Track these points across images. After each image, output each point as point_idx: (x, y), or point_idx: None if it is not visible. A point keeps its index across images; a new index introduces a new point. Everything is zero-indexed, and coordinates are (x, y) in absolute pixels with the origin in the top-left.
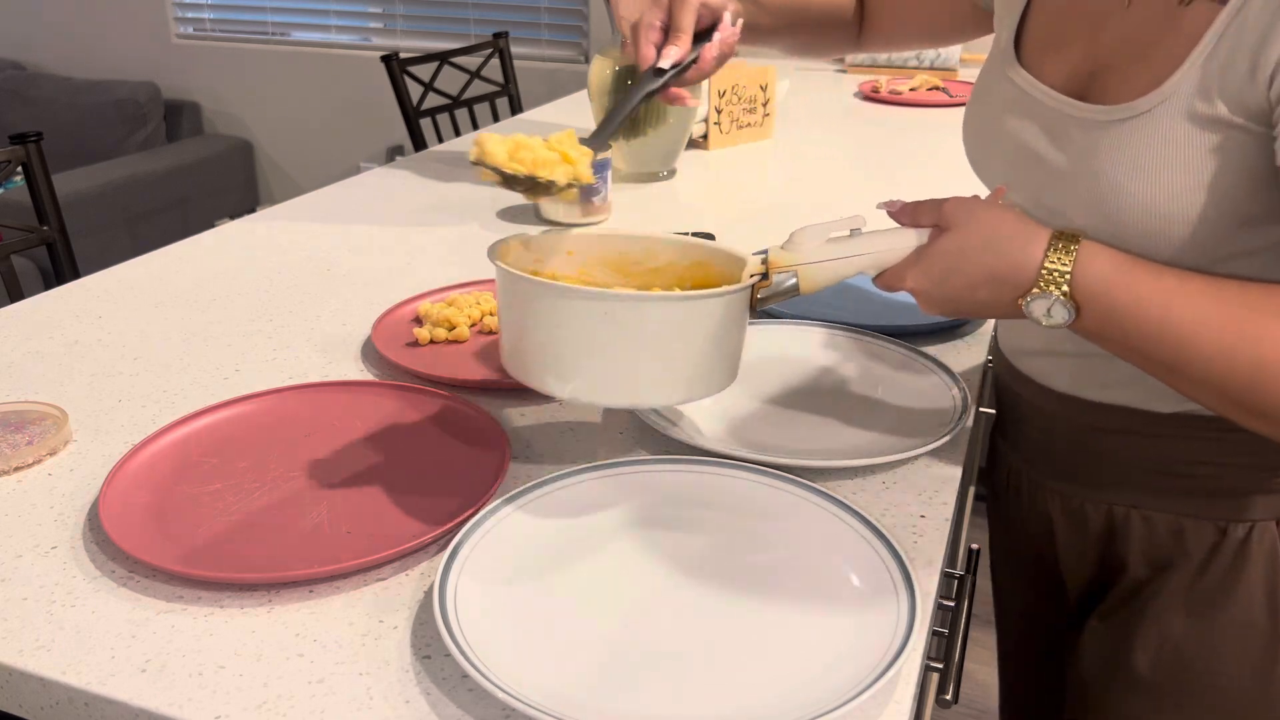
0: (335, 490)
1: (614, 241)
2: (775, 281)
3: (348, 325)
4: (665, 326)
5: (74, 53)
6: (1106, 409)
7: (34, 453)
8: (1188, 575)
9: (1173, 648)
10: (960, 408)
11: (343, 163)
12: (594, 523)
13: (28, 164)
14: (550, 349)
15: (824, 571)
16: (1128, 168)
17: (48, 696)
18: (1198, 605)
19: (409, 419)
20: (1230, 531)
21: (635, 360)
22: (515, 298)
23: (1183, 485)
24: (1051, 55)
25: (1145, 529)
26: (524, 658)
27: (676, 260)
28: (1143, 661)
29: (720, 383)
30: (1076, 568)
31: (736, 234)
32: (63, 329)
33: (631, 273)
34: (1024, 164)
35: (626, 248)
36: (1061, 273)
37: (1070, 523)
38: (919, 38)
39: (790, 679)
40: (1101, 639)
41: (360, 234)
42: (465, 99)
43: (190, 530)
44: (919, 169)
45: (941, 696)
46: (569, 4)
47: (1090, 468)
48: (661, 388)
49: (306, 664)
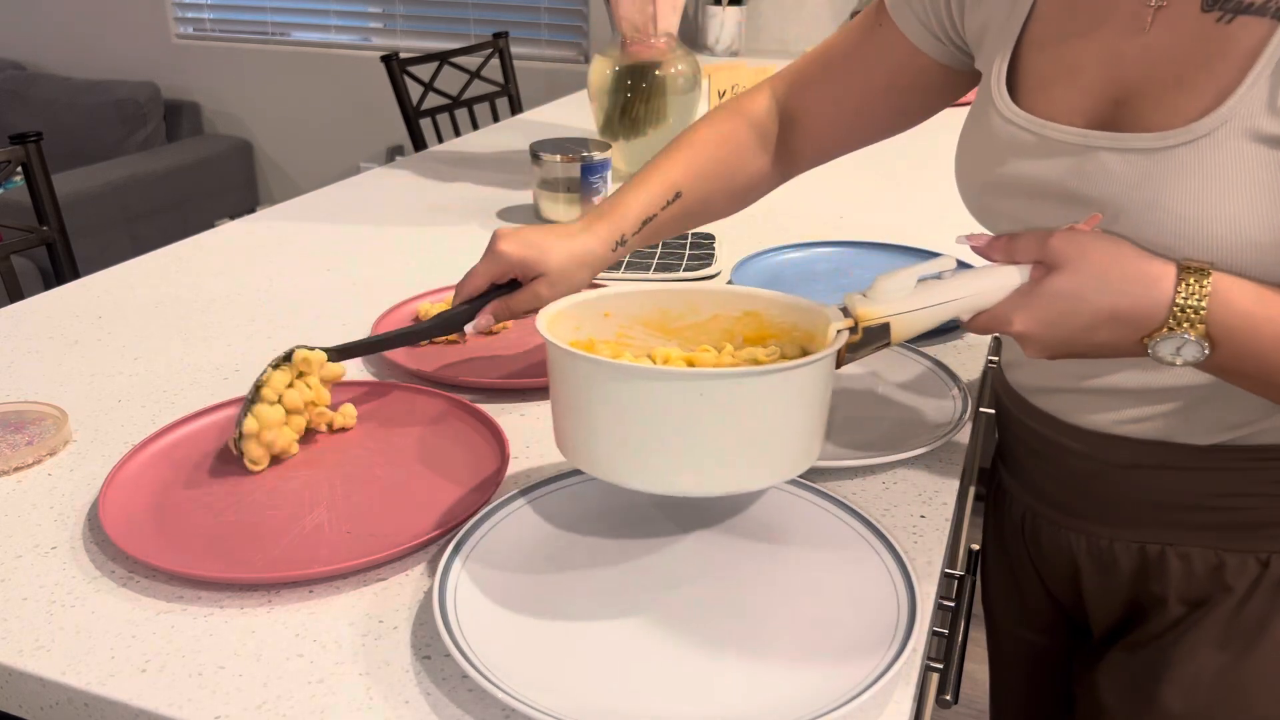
0: (335, 490)
1: (653, 298)
2: (866, 335)
3: (348, 325)
4: (763, 402)
5: (74, 53)
6: (1142, 444)
7: (34, 453)
8: (1227, 610)
9: (1208, 684)
10: (960, 408)
11: (343, 163)
12: (593, 523)
13: (28, 164)
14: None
15: (824, 572)
16: (1192, 196)
17: (47, 697)
18: (1235, 640)
19: (409, 419)
20: (1273, 564)
21: (725, 440)
22: (577, 381)
23: (1221, 519)
24: (1058, 90)
25: (1182, 566)
26: (524, 658)
27: (722, 311)
28: (1174, 697)
29: (813, 455)
30: (1102, 607)
31: (735, 234)
32: (63, 329)
33: (673, 329)
34: (1050, 205)
35: (667, 303)
36: (1196, 309)
37: (1097, 563)
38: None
39: (790, 679)
40: (1126, 672)
41: (360, 234)
42: (465, 99)
43: (190, 530)
44: (919, 168)
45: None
46: (569, 4)
47: (1119, 505)
48: (758, 469)
49: (306, 664)
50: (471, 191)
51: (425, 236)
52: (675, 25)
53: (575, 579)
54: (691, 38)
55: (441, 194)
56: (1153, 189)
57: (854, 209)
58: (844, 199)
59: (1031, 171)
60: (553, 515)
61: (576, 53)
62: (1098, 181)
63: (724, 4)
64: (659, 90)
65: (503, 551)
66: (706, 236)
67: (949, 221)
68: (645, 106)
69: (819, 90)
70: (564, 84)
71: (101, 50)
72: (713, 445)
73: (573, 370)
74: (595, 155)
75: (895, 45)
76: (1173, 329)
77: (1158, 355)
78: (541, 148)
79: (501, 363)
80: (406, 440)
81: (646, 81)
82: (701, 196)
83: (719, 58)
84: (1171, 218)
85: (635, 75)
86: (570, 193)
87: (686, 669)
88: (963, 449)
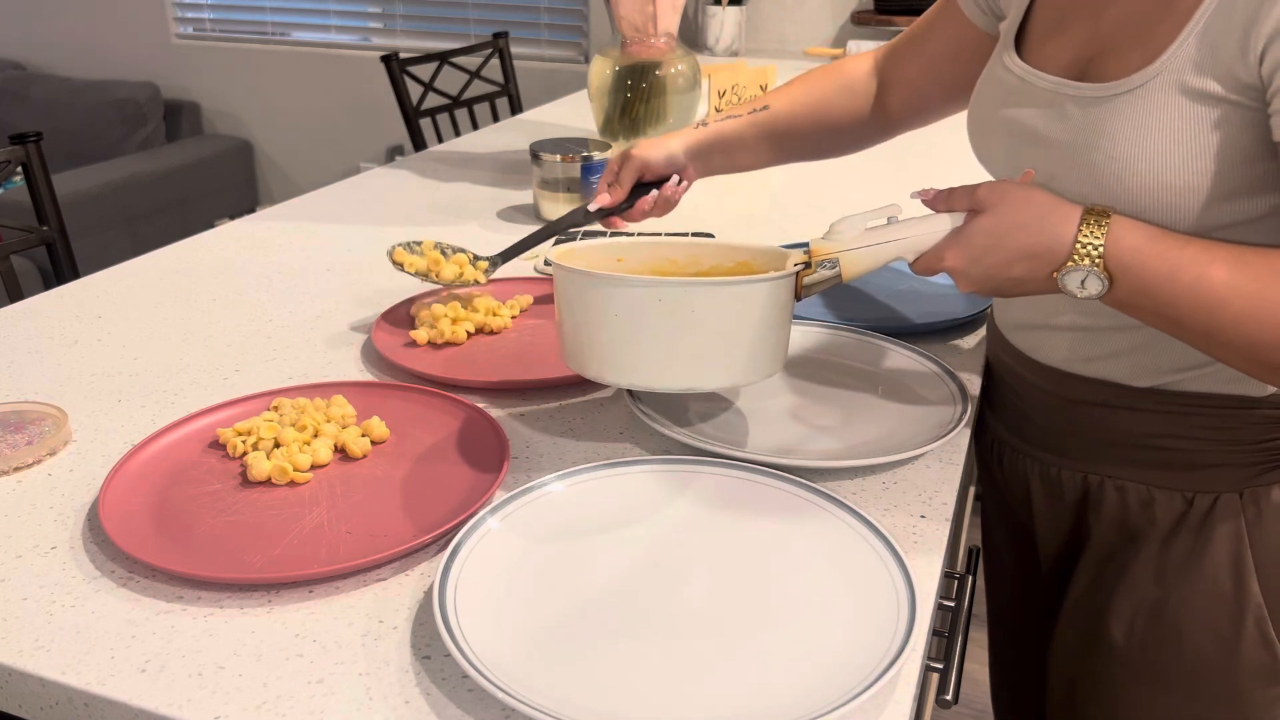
0: (335, 490)
1: (660, 248)
2: (818, 268)
3: (347, 325)
4: (714, 311)
5: (74, 53)
6: (1090, 382)
7: (34, 453)
8: (1155, 545)
9: (1144, 617)
10: (960, 408)
11: (343, 163)
12: (593, 523)
13: (27, 164)
14: (605, 339)
15: (824, 572)
16: (1124, 140)
17: (47, 697)
18: (1166, 575)
19: (409, 419)
20: (1196, 502)
21: (688, 345)
22: (572, 292)
23: (1154, 458)
24: (1052, 43)
25: (1118, 498)
26: (524, 658)
27: (721, 263)
28: (1117, 631)
29: (768, 368)
30: (1052, 533)
31: (736, 233)
32: (63, 329)
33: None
34: (1025, 146)
35: (672, 253)
36: (1095, 246)
37: (1047, 490)
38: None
39: (790, 679)
40: (1081, 611)
41: (360, 234)
42: (465, 99)
43: (190, 530)
44: (918, 166)
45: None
46: (569, 4)
47: (1069, 438)
48: (713, 371)
49: (306, 664)
50: (471, 191)
51: (425, 236)
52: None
53: (575, 579)
54: (691, 38)
55: (441, 194)
56: (1095, 132)
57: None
58: (844, 199)
59: (1016, 116)
60: (553, 515)
61: (576, 53)
62: (1059, 126)
63: (724, 4)
64: (659, 90)
65: (503, 551)
66: (707, 237)
67: None
68: (645, 106)
69: (905, 59)
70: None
71: (101, 50)
72: (672, 345)
73: (568, 283)
74: (595, 155)
75: (955, 19)
76: (1076, 263)
77: (1066, 287)
78: (541, 148)
79: (501, 363)
80: (406, 440)
81: (646, 81)
82: (789, 116)
83: (719, 58)
84: (1106, 159)
85: (635, 75)
86: (570, 193)
87: (686, 669)
88: (963, 449)
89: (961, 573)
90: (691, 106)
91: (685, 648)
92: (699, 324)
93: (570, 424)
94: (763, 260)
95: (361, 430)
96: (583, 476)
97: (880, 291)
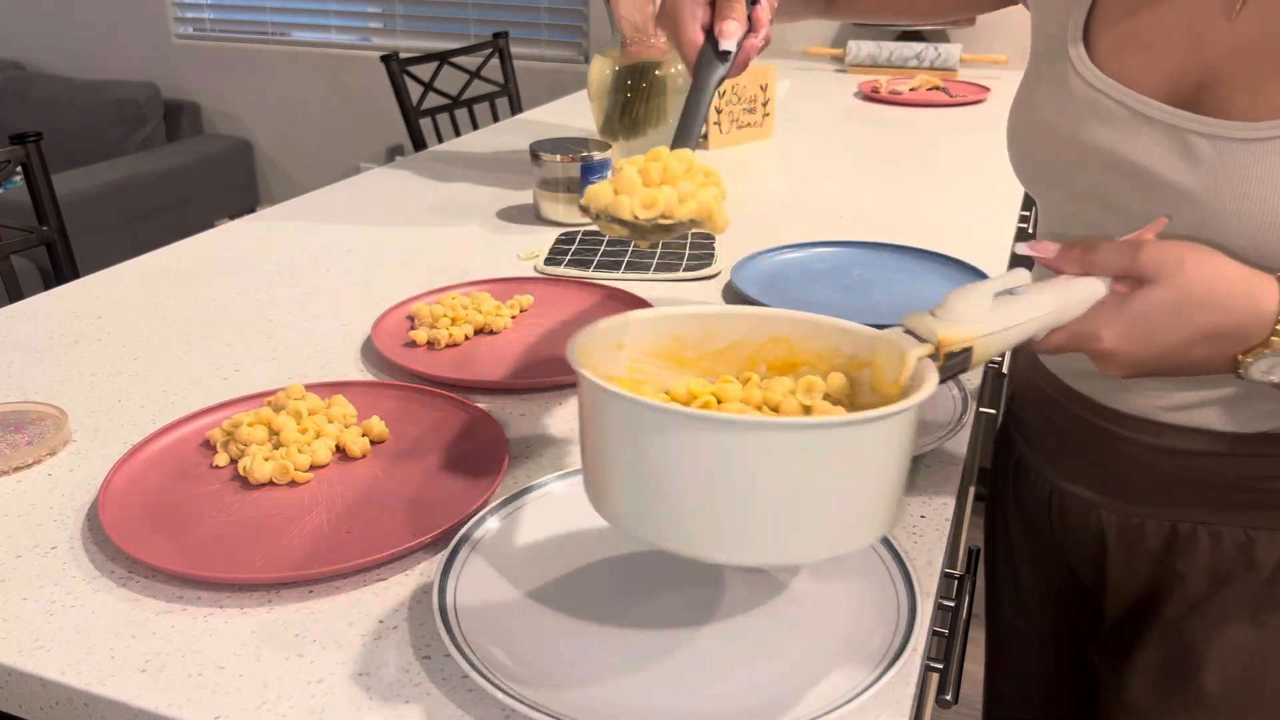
0: (335, 490)
1: (669, 323)
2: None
3: (348, 325)
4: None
5: (74, 53)
6: (1184, 431)
7: (33, 453)
8: (1255, 588)
9: (1243, 661)
10: (960, 408)
11: (342, 163)
12: (594, 523)
13: (27, 164)
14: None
15: (823, 572)
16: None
17: (47, 697)
18: (1268, 616)
19: (409, 419)
20: None
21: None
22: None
23: (1256, 500)
24: (1132, 59)
25: (1212, 544)
26: (524, 658)
27: (747, 337)
28: (1210, 676)
29: (889, 522)
30: (1124, 582)
31: (735, 234)
32: (63, 329)
33: (687, 359)
34: (1122, 180)
35: (681, 330)
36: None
37: (1125, 540)
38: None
39: (790, 679)
40: (1155, 655)
41: (360, 234)
42: (465, 99)
43: (190, 530)
44: (919, 169)
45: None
46: (569, 4)
47: (1155, 486)
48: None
49: (306, 664)
50: (471, 191)
51: (425, 236)
52: None
53: (575, 579)
54: None
55: (441, 194)
56: (1242, 180)
57: (854, 209)
58: (844, 199)
59: (1111, 142)
60: (553, 515)
61: (576, 53)
62: (1181, 165)
63: None
64: (659, 90)
65: (503, 551)
66: (707, 237)
67: (949, 221)
68: (645, 106)
69: None
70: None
71: (101, 50)
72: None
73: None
74: (595, 155)
75: None
76: (1273, 347)
77: (1249, 373)
78: (541, 148)
79: (501, 363)
80: (406, 440)
81: (646, 81)
82: None
83: None
84: (1262, 210)
85: (635, 75)
86: (570, 193)
87: (686, 668)
88: (962, 449)
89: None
90: None
91: (684, 647)
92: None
93: (570, 424)
94: (809, 336)
95: (361, 430)
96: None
97: (880, 291)
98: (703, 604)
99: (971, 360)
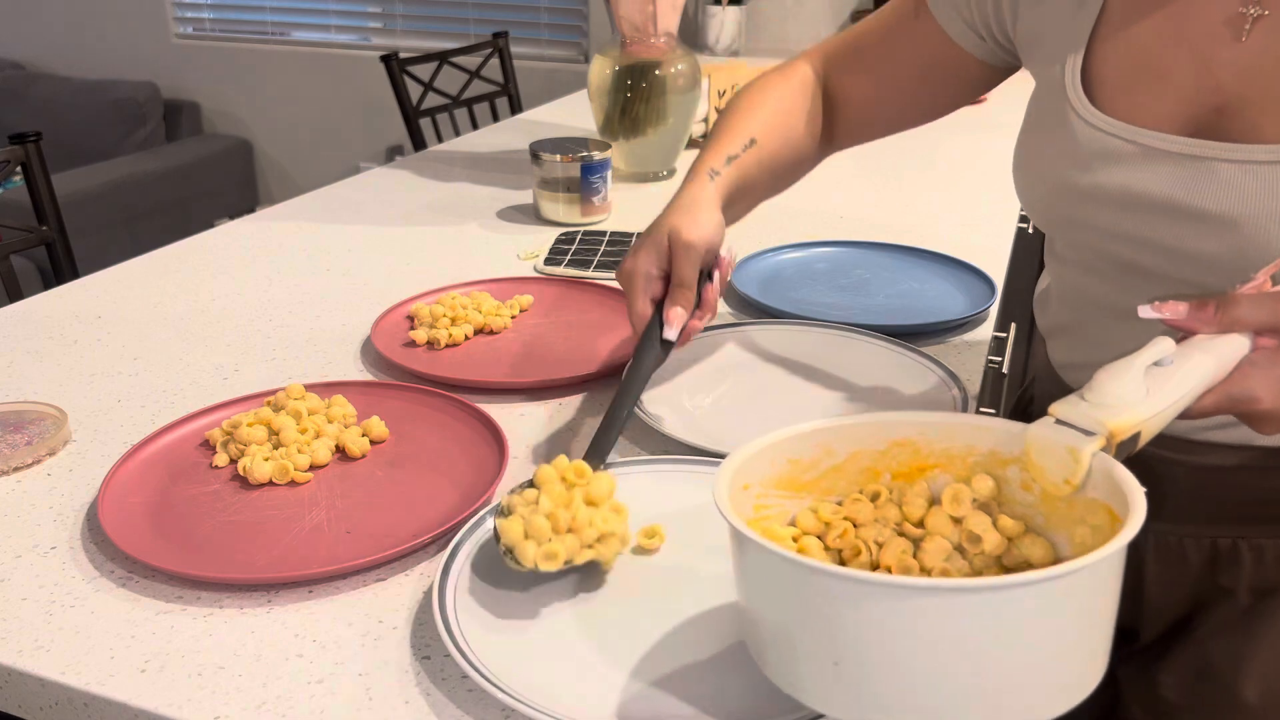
0: (335, 490)
1: (779, 449)
2: (1118, 453)
3: (347, 325)
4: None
5: (74, 53)
6: (1223, 448)
7: (33, 453)
8: None
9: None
10: (960, 408)
11: (342, 163)
12: None
13: (27, 164)
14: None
15: None
16: None
17: (47, 697)
18: None
19: (409, 419)
20: None
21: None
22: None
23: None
24: (1141, 95)
25: (1254, 557)
26: (524, 658)
27: (866, 445)
28: (1249, 687)
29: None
30: (1163, 601)
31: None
32: (63, 329)
33: (804, 482)
34: (1151, 216)
35: (795, 452)
36: None
37: (1164, 561)
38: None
39: None
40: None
41: (360, 234)
42: (465, 99)
43: (190, 530)
44: (919, 169)
45: None
46: (569, 4)
47: (1194, 504)
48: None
49: (306, 664)
50: (471, 191)
51: (425, 236)
52: (675, 25)
53: (575, 579)
54: (691, 38)
55: (441, 194)
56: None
57: (854, 209)
58: (844, 199)
59: (1128, 181)
60: None
61: (576, 53)
62: (1212, 193)
63: (724, 4)
64: (659, 90)
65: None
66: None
67: (949, 222)
68: (645, 106)
69: (854, 76)
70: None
71: (101, 50)
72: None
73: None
74: (595, 155)
75: (931, 37)
76: None
77: None
78: (541, 148)
79: (501, 363)
80: (406, 440)
81: (646, 81)
82: (773, 151)
83: (719, 58)
84: None
85: (635, 75)
86: (570, 193)
87: (687, 669)
88: None
89: None
90: (691, 106)
91: (685, 647)
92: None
93: (570, 423)
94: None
95: (361, 430)
96: None
97: (880, 291)
98: (703, 604)
99: (1138, 444)
